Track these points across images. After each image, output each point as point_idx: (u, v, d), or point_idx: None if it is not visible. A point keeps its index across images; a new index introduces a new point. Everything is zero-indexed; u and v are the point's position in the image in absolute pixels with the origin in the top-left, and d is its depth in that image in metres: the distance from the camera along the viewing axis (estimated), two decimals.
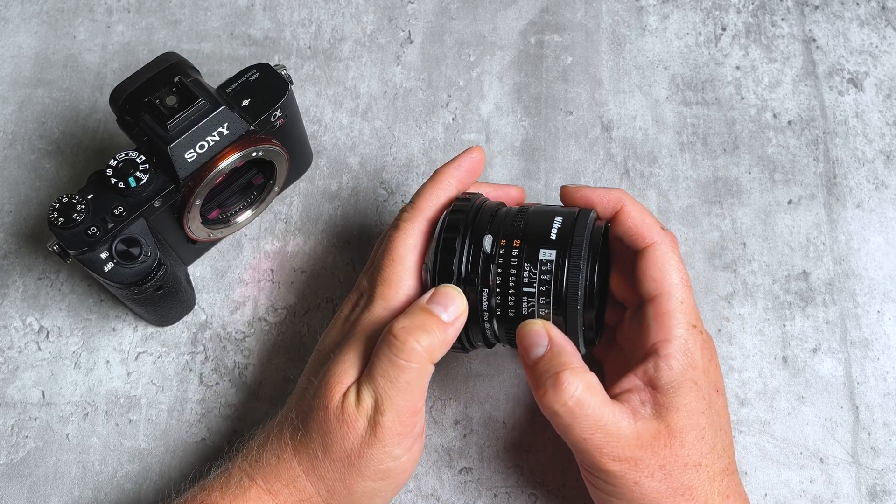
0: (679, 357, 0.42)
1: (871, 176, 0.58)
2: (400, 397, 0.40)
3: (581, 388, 0.39)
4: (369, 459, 0.41)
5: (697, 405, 0.42)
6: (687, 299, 0.43)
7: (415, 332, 0.40)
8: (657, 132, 0.60)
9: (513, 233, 0.42)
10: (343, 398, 0.41)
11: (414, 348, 0.40)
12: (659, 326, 0.43)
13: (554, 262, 0.41)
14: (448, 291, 0.42)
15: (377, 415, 0.40)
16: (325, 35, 0.63)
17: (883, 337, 0.54)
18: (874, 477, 0.50)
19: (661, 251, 0.44)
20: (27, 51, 0.62)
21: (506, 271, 0.42)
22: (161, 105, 0.46)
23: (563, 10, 0.64)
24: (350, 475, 0.41)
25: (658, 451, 0.40)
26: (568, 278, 0.41)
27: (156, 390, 0.53)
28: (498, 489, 0.50)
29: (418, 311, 0.41)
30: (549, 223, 0.42)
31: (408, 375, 0.40)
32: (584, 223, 0.42)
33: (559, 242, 0.41)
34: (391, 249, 0.44)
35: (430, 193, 0.45)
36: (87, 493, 0.50)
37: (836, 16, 0.63)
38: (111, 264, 0.46)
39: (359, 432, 0.40)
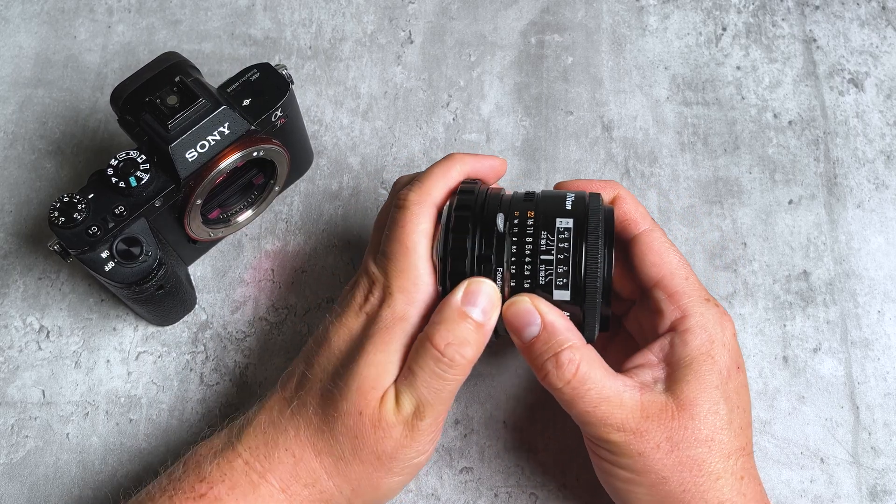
0: (697, 331, 0.41)
1: (872, 176, 0.58)
2: (442, 406, 0.41)
3: (584, 364, 0.39)
4: (401, 459, 0.41)
5: (712, 379, 0.41)
6: (691, 276, 0.43)
7: (460, 347, 0.40)
8: (658, 132, 0.60)
9: (526, 208, 0.41)
10: (381, 403, 0.40)
11: (460, 363, 0.40)
12: (673, 306, 0.42)
13: (571, 231, 0.40)
14: (480, 288, 0.40)
15: (416, 420, 0.40)
16: (325, 35, 0.63)
17: (883, 337, 0.54)
18: (875, 477, 0.50)
19: (655, 235, 0.44)
20: (28, 51, 0.62)
21: (521, 241, 0.40)
22: (162, 105, 0.46)
23: (563, 10, 0.64)
24: (378, 474, 0.41)
25: (664, 422, 0.40)
26: (588, 246, 0.39)
27: (156, 390, 0.53)
28: (498, 489, 0.50)
29: (456, 319, 0.40)
30: (562, 199, 0.42)
31: (452, 386, 0.41)
32: (597, 199, 0.42)
33: (575, 213, 0.40)
34: (402, 236, 0.42)
35: (440, 176, 0.43)
36: (87, 492, 0.50)
37: (837, 16, 0.63)
38: (112, 264, 0.46)
39: (395, 437, 0.40)
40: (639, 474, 0.40)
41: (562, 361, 0.39)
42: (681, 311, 0.42)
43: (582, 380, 0.39)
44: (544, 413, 0.52)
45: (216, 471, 0.41)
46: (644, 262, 0.43)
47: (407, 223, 0.42)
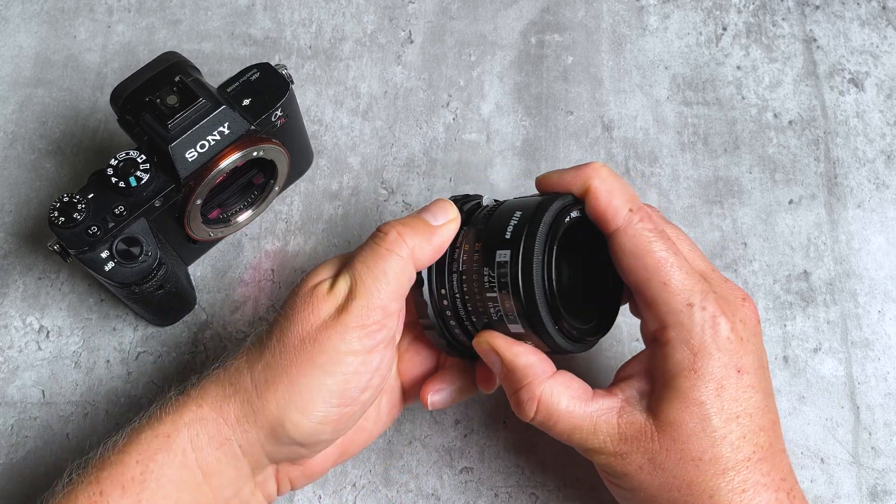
0: (677, 345, 0.38)
1: (872, 176, 0.58)
2: (375, 287, 0.39)
3: (546, 399, 0.39)
4: (323, 343, 0.38)
5: (696, 395, 0.37)
6: (671, 279, 0.38)
7: (400, 227, 0.40)
8: (658, 132, 0.60)
9: (475, 238, 0.41)
10: (316, 285, 0.40)
11: (396, 239, 0.39)
12: (650, 316, 0.39)
13: (509, 262, 0.38)
14: (442, 203, 0.41)
15: (347, 300, 0.39)
16: (325, 35, 0.63)
17: (884, 337, 0.54)
18: (875, 477, 0.50)
19: (628, 235, 0.38)
20: (27, 51, 0.62)
21: (469, 278, 0.40)
22: (162, 104, 0.46)
23: (563, 9, 0.64)
24: (298, 362, 0.38)
25: (643, 445, 0.38)
26: (523, 278, 0.38)
27: (156, 390, 0.53)
28: (498, 489, 0.50)
29: (408, 216, 0.41)
30: (507, 219, 0.39)
31: (387, 264, 0.39)
32: (542, 213, 0.38)
33: (513, 240, 0.38)
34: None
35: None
36: None
37: (837, 16, 0.63)
38: (112, 264, 0.46)
39: (321, 315, 0.39)
40: (631, 491, 0.40)
41: (520, 400, 0.40)
42: (660, 322, 0.38)
43: (546, 414, 0.39)
44: None
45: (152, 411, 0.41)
46: (620, 268, 0.39)
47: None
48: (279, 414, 0.38)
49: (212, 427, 0.38)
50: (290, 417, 0.38)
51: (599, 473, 0.43)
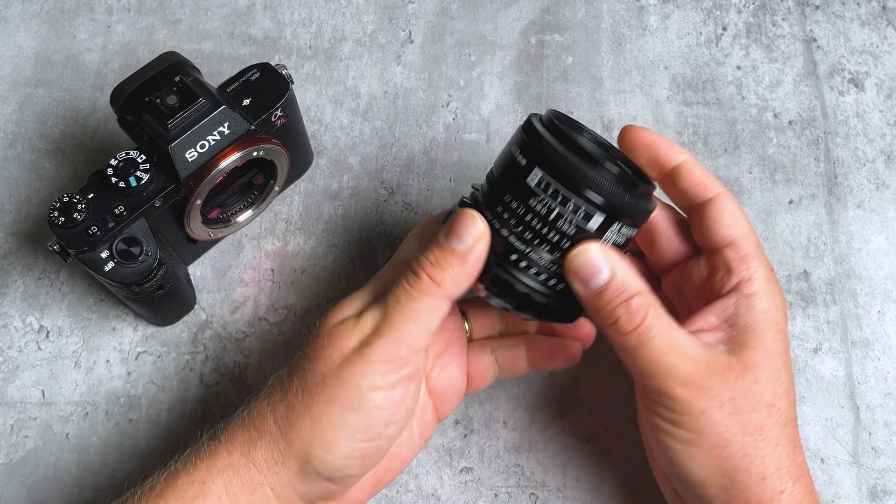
0: (763, 296, 0.41)
1: (872, 176, 0.58)
2: (405, 325, 0.39)
3: (652, 311, 0.39)
4: (345, 379, 0.38)
5: (776, 346, 0.40)
6: (760, 248, 0.43)
7: (431, 268, 0.39)
8: (658, 132, 0.60)
9: (495, 195, 0.40)
10: (341, 321, 0.40)
11: (429, 283, 0.39)
12: (741, 267, 0.42)
13: (544, 174, 0.38)
14: (465, 220, 0.39)
15: (373, 336, 0.39)
16: (325, 35, 0.63)
17: (884, 337, 0.54)
18: (875, 477, 0.50)
19: (730, 199, 0.43)
20: (27, 50, 0.62)
21: (525, 226, 0.39)
22: (162, 104, 0.46)
23: (563, 9, 0.64)
24: (320, 399, 0.38)
25: (729, 382, 0.39)
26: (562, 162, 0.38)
27: (156, 390, 0.53)
28: (498, 489, 0.50)
29: (434, 245, 0.40)
30: (509, 158, 0.40)
31: (420, 305, 0.39)
32: (528, 124, 0.40)
33: (529, 159, 0.39)
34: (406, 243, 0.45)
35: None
36: (86, 492, 0.50)
37: (837, 16, 0.63)
38: (111, 264, 0.46)
39: (344, 351, 0.39)
40: (700, 434, 0.39)
41: (633, 307, 0.39)
42: (749, 272, 0.41)
43: (649, 326, 0.39)
44: (544, 413, 0.52)
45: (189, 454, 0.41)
46: (719, 223, 0.42)
47: (413, 230, 0.44)
48: (305, 452, 0.38)
49: (243, 473, 0.39)
50: (316, 454, 0.38)
51: (658, 426, 0.40)
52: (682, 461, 0.40)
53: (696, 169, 0.44)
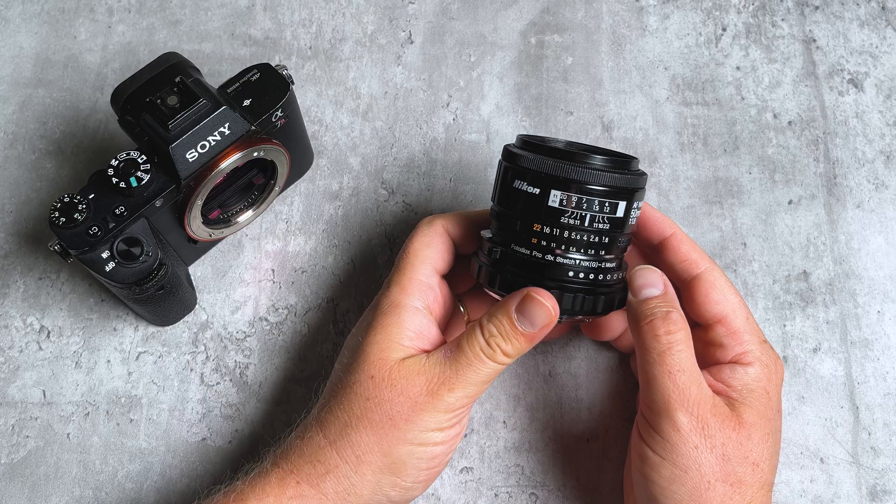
0: (757, 366, 0.43)
1: (872, 176, 0.58)
2: (472, 383, 0.42)
3: (684, 332, 0.41)
4: (417, 423, 0.41)
5: (766, 411, 0.43)
6: (750, 317, 0.45)
7: (501, 341, 0.42)
8: (657, 132, 0.60)
9: (522, 231, 0.43)
10: (399, 367, 0.42)
11: (498, 353, 0.42)
12: (733, 343, 0.44)
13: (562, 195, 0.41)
14: (536, 306, 0.42)
15: (444, 389, 0.41)
16: (325, 35, 0.63)
17: (883, 337, 0.54)
18: (874, 477, 0.50)
19: (716, 274, 0.45)
20: (28, 51, 0.62)
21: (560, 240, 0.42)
22: (162, 105, 0.46)
23: (563, 10, 0.64)
24: (389, 438, 0.41)
25: (726, 430, 0.41)
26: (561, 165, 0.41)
27: (157, 390, 0.53)
28: (498, 489, 0.50)
29: (505, 322, 0.42)
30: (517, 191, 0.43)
31: (488, 369, 0.42)
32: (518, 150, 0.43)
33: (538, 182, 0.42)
34: (406, 247, 0.47)
35: (458, 213, 0.48)
36: (87, 492, 0.50)
37: (837, 16, 0.64)
38: (112, 264, 0.46)
39: (412, 397, 0.41)
40: (685, 472, 0.41)
41: (671, 317, 0.41)
42: (742, 347, 0.44)
43: (679, 339, 0.41)
44: (544, 413, 0.52)
45: (248, 472, 0.44)
46: (708, 300, 0.45)
47: (413, 236, 0.47)
48: (376, 483, 0.42)
49: (314, 502, 0.42)
50: (387, 483, 0.42)
51: (646, 457, 0.42)
52: (661, 497, 0.41)
53: (683, 244, 0.46)
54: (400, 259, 0.46)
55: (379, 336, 0.43)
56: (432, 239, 0.46)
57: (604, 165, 0.41)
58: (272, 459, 0.44)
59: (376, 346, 0.43)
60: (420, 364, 0.42)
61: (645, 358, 0.42)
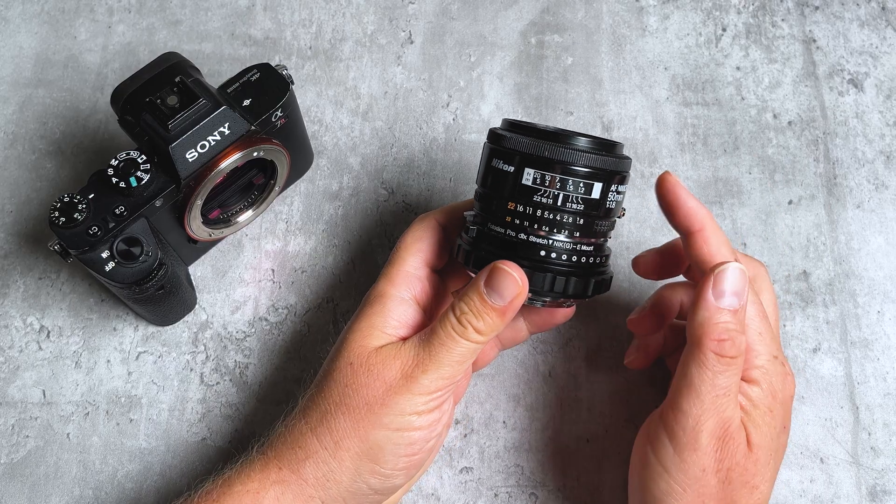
0: (762, 384, 0.42)
1: (872, 176, 0.58)
2: (447, 363, 0.41)
3: (742, 356, 0.40)
4: (392, 407, 0.41)
5: (769, 431, 0.42)
6: (765, 331, 0.43)
7: (472, 317, 0.41)
8: (657, 132, 0.60)
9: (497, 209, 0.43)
10: (375, 353, 0.42)
11: (476, 336, 0.41)
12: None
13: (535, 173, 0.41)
14: (502, 277, 0.41)
15: (418, 371, 0.41)
16: (325, 35, 0.63)
17: (883, 337, 0.54)
18: (874, 477, 0.50)
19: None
20: (28, 51, 0.62)
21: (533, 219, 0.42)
22: (162, 105, 0.46)
23: (563, 10, 0.64)
24: (365, 423, 0.41)
25: (737, 456, 0.40)
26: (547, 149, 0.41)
27: (156, 390, 0.53)
28: (498, 489, 0.50)
29: (475, 295, 0.41)
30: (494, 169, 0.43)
31: (461, 347, 0.41)
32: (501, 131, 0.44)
33: (512, 160, 0.42)
34: (398, 242, 0.47)
35: (451, 206, 0.48)
36: (87, 492, 0.50)
37: (837, 16, 0.64)
38: (112, 264, 0.46)
39: (387, 381, 0.41)
40: (684, 489, 0.40)
41: (738, 343, 0.40)
42: (747, 363, 0.42)
43: (736, 368, 0.40)
44: (544, 413, 0.52)
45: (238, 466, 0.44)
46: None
47: (406, 232, 0.47)
48: (355, 469, 0.42)
49: (295, 487, 0.42)
50: (366, 470, 0.42)
51: (650, 466, 0.42)
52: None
53: (709, 242, 0.43)
54: (392, 253, 0.47)
55: (362, 324, 0.44)
56: (424, 233, 0.46)
57: (580, 146, 0.41)
58: (258, 447, 0.44)
59: (357, 333, 0.43)
60: (396, 349, 0.42)
61: (691, 369, 0.40)
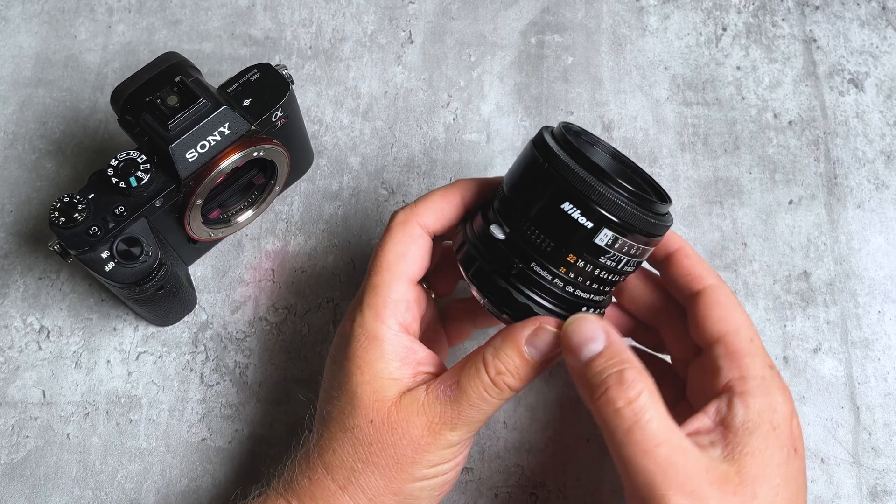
0: (758, 396, 0.37)
1: (872, 176, 0.58)
2: (479, 421, 0.40)
3: (647, 392, 0.35)
4: (423, 462, 0.40)
5: (774, 455, 0.36)
6: (756, 339, 0.40)
7: (509, 378, 0.39)
8: (658, 132, 0.60)
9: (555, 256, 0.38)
10: (396, 409, 0.40)
11: (505, 390, 0.40)
12: (732, 365, 0.39)
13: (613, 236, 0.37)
14: (547, 337, 0.39)
15: (446, 429, 0.39)
16: (325, 35, 0.63)
17: (884, 337, 0.54)
18: (875, 477, 0.50)
19: (723, 291, 0.41)
20: (28, 51, 0.62)
21: (588, 276, 0.38)
22: (162, 105, 0.46)
23: (563, 10, 0.64)
24: (398, 479, 0.40)
25: (727, 496, 0.35)
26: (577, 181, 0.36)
27: (156, 390, 0.53)
28: (499, 489, 0.50)
29: (513, 353, 0.39)
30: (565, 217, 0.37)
31: (495, 404, 0.40)
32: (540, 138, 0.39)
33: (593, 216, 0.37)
34: (380, 254, 0.42)
35: (436, 200, 0.43)
36: (87, 492, 0.50)
37: (837, 16, 0.64)
38: (112, 264, 0.46)
39: (414, 439, 0.39)
40: None
41: (626, 378, 0.36)
42: (740, 371, 0.38)
43: (644, 406, 0.35)
44: (544, 413, 0.52)
45: (254, 499, 0.43)
46: (709, 317, 0.40)
47: (387, 242, 0.42)
48: None
49: None
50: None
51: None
52: None
53: (688, 258, 0.42)
54: (372, 269, 0.42)
55: (367, 376, 0.40)
56: (407, 248, 0.42)
57: (661, 215, 0.38)
58: (282, 495, 0.42)
59: (367, 386, 0.40)
60: (418, 403, 0.40)
61: (612, 439, 0.36)
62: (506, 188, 0.40)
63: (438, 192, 0.43)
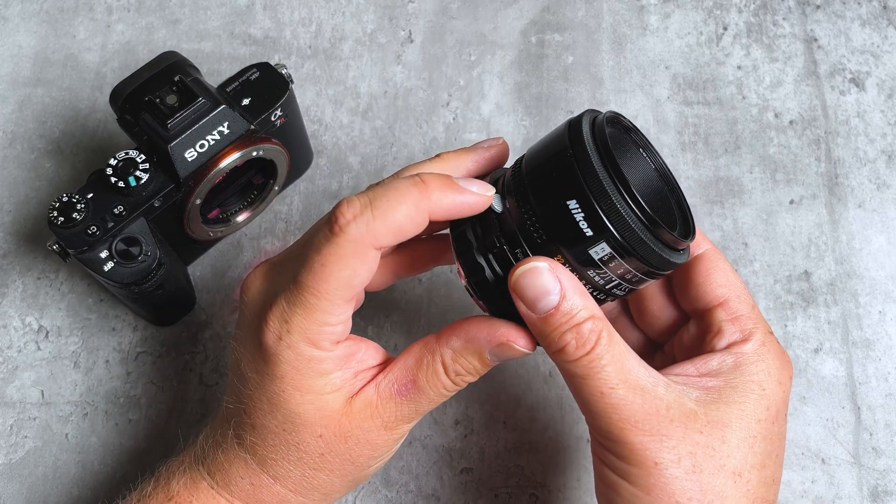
0: (754, 358, 0.37)
1: (873, 176, 0.58)
2: (429, 412, 0.39)
3: (605, 335, 0.34)
4: (377, 456, 0.39)
5: (756, 410, 0.36)
6: (756, 308, 0.39)
7: (469, 377, 0.38)
8: (658, 132, 0.60)
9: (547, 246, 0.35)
10: (346, 417, 0.38)
11: (464, 385, 0.38)
12: (736, 328, 0.38)
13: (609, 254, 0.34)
14: (512, 352, 0.37)
15: (401, 423, 0.38)
16: (325, 34, 0.63)
17: (885, 337, 0.54)
18: (876, 477, 0.50)
19: (720, 256, 0.40)
20: (27, 50, 0.62)
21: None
22: (161, 104, 0.46)
23: (564, 9, 0.64)
24: (353, 474, 0.39)
25: (691, 433, 0.34)
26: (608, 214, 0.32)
27: (156, 390, 0.52)
28: (499, 489, 0.50)
29: (474, 359, 0.37)
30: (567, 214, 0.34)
31: (449, 396, 0.38)
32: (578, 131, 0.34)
33: (596, 226, 0.33)
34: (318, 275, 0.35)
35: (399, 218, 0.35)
36: (86, 493, 0.50)
37: (838, 15, 0.63)
38: (111, 263, 0.46)
39: (370, 441, 0.38)
40: (649, 493, 0.34)
41: (583, 332, 0.34)
42: (743, 334, 0.38)
43: (600, 354, 0.34)
44: (544, 413, 0.52)
45: (184, 490, 0.40)
46: (710, 281, 0.39)
47: (329, 261, 0.35)
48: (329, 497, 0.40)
49: None
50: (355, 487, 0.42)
51: (604, 476, 0.36)
52: None
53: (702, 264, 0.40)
54: (307, 285, 0.35)
55: (308, 396, 0.37)
56: (356, 273, 0.35)
57: (672, 249, 0.35)
58: (222, 494, 0.40)
59: (309, 406, 0.37)
60: (371, 407, 0.37)
61: (569, 385, 0.36)
62: (523, 163, 0.37)
63: (407, 202, 0.35)
